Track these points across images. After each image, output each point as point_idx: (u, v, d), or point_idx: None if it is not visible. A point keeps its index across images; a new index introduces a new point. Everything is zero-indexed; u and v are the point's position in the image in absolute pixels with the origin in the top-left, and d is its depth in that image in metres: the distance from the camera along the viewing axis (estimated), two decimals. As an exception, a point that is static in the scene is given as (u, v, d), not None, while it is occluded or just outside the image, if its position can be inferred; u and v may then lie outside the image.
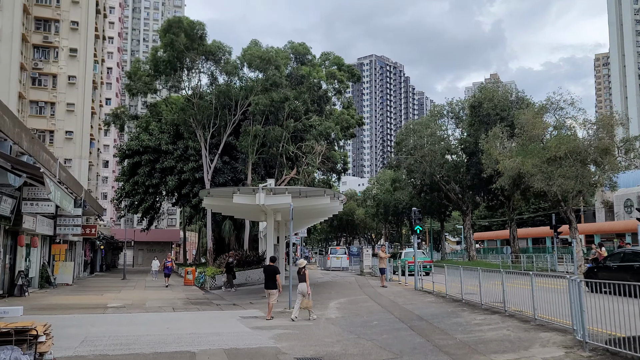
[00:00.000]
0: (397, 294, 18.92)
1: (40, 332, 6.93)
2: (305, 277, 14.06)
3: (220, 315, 15.20)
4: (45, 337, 7.14)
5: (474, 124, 38.65)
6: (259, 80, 40.68)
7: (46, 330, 7.34)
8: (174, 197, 49.33)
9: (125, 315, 14.98)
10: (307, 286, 14.01)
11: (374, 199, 72.91)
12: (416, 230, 20.51)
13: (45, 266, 26.06)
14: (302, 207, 19.48)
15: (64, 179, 20.91)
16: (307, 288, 14.03)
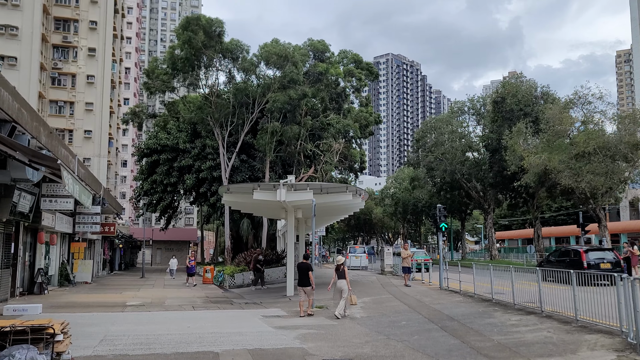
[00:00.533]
0: (423, 294, 18.30)
1: (57, 331, 6.52)
2: (345, 273, 13.99)
3: (242, 314, 14.77)
4: (62, 335, 6.73)
5: (497, 120, 37.70)
6: (277, 77, 40.31)
7: (64, 329, 6.94)
8: (191, 195, 49.27)
9: (144, 314, 14.64)
10: (347, 283, 13.95)
11: (392, 198, 72.10)
12: (441, 228, 19.85)
13: (64, 264, 25.96)
14: (323, 204, 18.96)
15: (83, 175, 20.70)
16: (348, 284, 13.96)
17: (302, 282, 14.21)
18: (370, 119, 51.91)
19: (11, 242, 17.64)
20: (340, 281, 13.97)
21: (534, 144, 31.29)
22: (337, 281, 14.04)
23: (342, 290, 13.89)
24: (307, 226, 26.43)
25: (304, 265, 14.50)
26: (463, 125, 45.52)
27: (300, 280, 14.22)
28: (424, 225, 77.82)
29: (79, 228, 25.91)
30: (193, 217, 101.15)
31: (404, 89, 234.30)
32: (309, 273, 14.23)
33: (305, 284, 14.15)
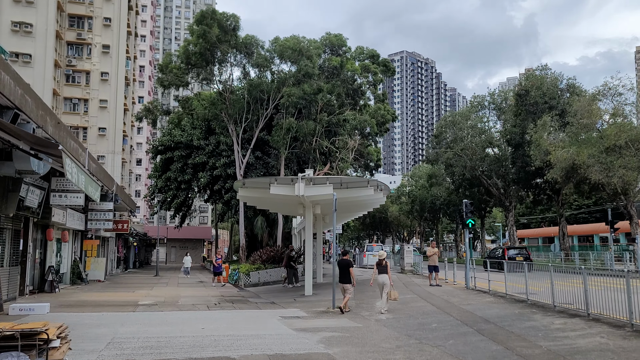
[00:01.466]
0: (449, 293, 17.29)
1: (52, 336, 5.69)
2: (387, 268, 13.96)
3: (259, 315, 13.91)
4: (59, 341, 5.90)
5: (520, 114, 36.36)
6: (291, 72, 39.47)
7: (61, 333, 6.10)
8: (206, 193, 48.68)
9: (156, 314, 13.85)
10: (389, 278, 13.90)
11: (409, 196, 70.87)
12: (468, 224, 18.80)
13: (76, 262, 25.39)
14: (343, 199, 17.99)
15: (94, 170, 20.02)
16: (390, 280, 13.93)
17: (342, 278, 14.07)
18: (387, 116, 50.84)
19: (20, 239, 17.01)
20: (382, 276, 13.86)
21: (560, 138, 29.99)
22: (378, 276, 13.93)
23: (384, 285, 13.80)
24: (324, 223, 25.54)
25: (344, 261, 14.25)
26: (483, 120, 44.22)
27: (341, 277, 14.08)
28: (441, 223, 76.45)
29: (92, 225, 25.29)
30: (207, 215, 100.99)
31: (419, 87, 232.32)
32: (350, 270, 14.06)
33: (346, 281, 14.00)
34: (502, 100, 43.91)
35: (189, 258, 32.64)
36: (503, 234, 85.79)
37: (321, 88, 39.62)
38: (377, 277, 13.96)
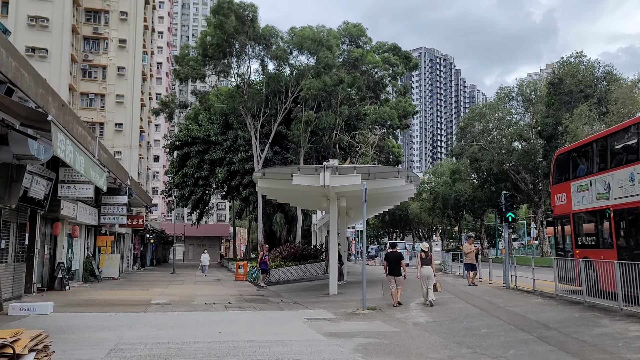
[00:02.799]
0: (490, 294, 15.72)
1: (22, 349, 4.36)
2: (431, 260, 14.09)
3: (282, 317, 12.55)
4: (34, 354, 4.58)
5: (554, 104, 34.39)
6: (310, 65, 38.11)
7: (37, 344, 4.78)
8: (223, 189, 47.63)
9: (169, 315, 12.57)
10: (432, 269, 13.98)
11: (431, 192, 68.96)
12: (508, 218, 17.20)
13: (89, 258, 24.35)
14: (371, 191, 16.40)
15: (105, 161, 18.88)
16: (433, 271, 14.02)
17: (393, 271, 13.97)
18: (409, 108, 49.20)
19: (25, 233, 15.90)
20: (427, 268, 13.86)
21: (598, 128, 28.07)
22: (423, 268, 13.90)
23: (429, 277, 13.82)
24: (349, 218, 24.13)
25: (396, 254, 14.19)
26: (511, 112, 42.29)
27: (392, 269, 14.00)
28: (464, 219, 74.40)
29: (105, 220, 24.22)
30: (225, 213, 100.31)
31: (438, 83, 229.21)
32: (402, 262, 14.03)
33: (397, 273, 13.94)
34: (531, 92, 41.94)
35: (207, 256, 31.48)
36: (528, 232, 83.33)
37: (342, 79, 38.25)
38: (422, 269, 13.91)
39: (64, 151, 7.28)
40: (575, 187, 15.31)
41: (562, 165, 16.83)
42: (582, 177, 15.03)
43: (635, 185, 12.12)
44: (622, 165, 12.88)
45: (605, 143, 14.04)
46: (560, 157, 16.98)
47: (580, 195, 14.94)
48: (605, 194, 13.56)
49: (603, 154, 14.14)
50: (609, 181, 13.38)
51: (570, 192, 15.51)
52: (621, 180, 12.78)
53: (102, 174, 11.44)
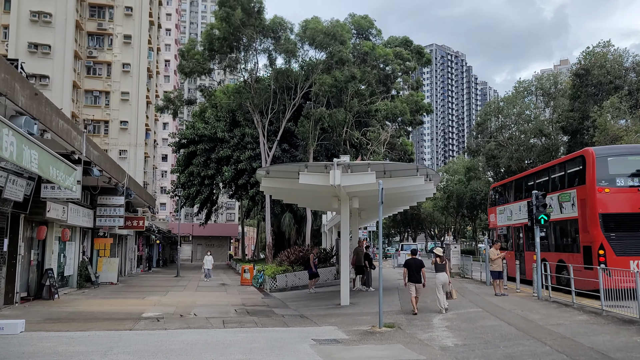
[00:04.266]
0: (522, 306, 13.93)
1: None
2: (445, 266, 13.72)
3: (286, 337, 10.87)
4: None
5: (580, 96, 32.31)
6: (321, 60, 36.44)
7: None
8: (231, 189, 46.14)
9: (157, 335, 10.95)
10: (448, 275, 13.77)
11: (444, 191, 66.93)
12: (540, 221, 15.38)
13: (84, 263, 22.87)
14: (386, 191, 14.71)
15: (96, 158, 17.34)
16: (449, 277, 13.83)
17: (414, 278, 13.50)
18: (421, 102, 47.32)
19: (4, 238, 14.40)
20: (442, 274, 13.52)
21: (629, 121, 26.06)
22: (438, 274, 13.54)
23: (444, 284, 13.54)
24: (361, 219, 22.41)
25: (417, 261, 13.70)
26: (531, 106, 40.25)
27: (412, 276, 13.52)
28: (479, 219, 72.27)
29: (101, 222, 22.76)
30: (234, 212, 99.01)
31: (449, 81, 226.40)
32: (422, 270, 13.49)
33: (418, 280, 13.49)
34: (551, 85, 39.88)
35: (210, 258, 29.60)
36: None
37: (354, 75, 36.57)
38: (437, 275, 13.52)
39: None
40: (498, 211, 24.44)
41: (492, 195, 26.80)
42: (501, 205, 24.24)
43: (520, 213, 20.81)
44: (515, 201, 22.15)
45: (509, 185, 24.00)
46: (492, 190, 27.20)
47: (500, 216, 23.97)
48: (510, 217, 22.54)
49: (509, 192, 23.49)
50: (511, 209, 22.48)
51: (496, 213, 24.49)
52: (515, 210, 21.86)
53: (71, 172, 9.85)
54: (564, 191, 17.37)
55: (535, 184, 19.95)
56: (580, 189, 16.19)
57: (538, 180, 20.04)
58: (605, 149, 17.62)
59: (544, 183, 19.25)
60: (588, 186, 15.71)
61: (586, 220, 15.71)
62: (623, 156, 16.32)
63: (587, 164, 16.01)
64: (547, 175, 19.34)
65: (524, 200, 19.82)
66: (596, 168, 15.65)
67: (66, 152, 14.78)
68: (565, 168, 17.85)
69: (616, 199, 15.01)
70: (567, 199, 17.00)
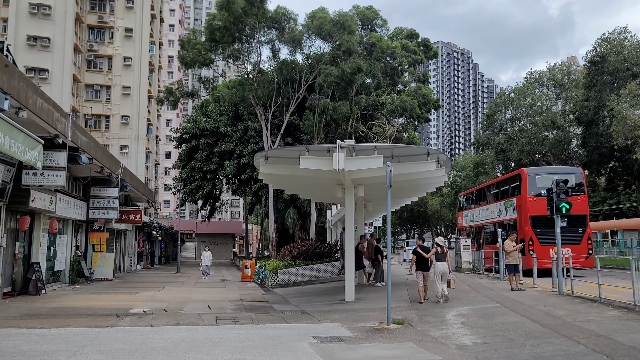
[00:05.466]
0: (544, 302, 12.74)
1: None
2: (446, 255, 13.58)
3: (283, 335, 9.76)
4: None
5: (595, 85, 30.93)
6: (325, 54, 35.36)
7: None
8: (234, 184, 45.14)
9: (139, 332, 9.86)
10: (448, 265, 13.55)
11: (452, 187, 65.63)
12: (561, 209, 14.18)
13: (77, 257, 21.84)
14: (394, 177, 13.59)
15: (85, 144, 16.28)
16: (449, 267, 13.61)
17: (422, 266, 13.60)
18: (430, 96, 46.14)
19: (-19, 228, 13.40)
20: (442, 263, 13.38)
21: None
22: (437, 263, 13.39)
23: (444, 273, 13.42)
24: (367, 211, 21.24)
25: (425, 249, 13.78)
26: (542, 98, 38.89)
27: (419, 265, 13.61)
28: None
29: (94, 215, 21.72)
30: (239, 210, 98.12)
31: (455, 78, 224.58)
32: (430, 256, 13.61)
33: (426, 268, 13.62)
34: (564, 76, 38.52)
35: (209, 254, 28.28)
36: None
37: (360, 67, 35.46)
38: (437, 264, 13.41)
39: None
40: (464, 214, 30.08)
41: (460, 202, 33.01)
42: (466, 209, 29.96)
43: (480, 216, 26.46)
44: (477, 206, 27.51)
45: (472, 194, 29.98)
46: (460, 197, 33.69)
47: (466, 219, 29.45)
48: (473, 219, 27.79)
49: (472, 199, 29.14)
50: (474, 213, 27.77)
51: (463, 216, 30.24)
52: (476, 213, 27.28)
53: (34, 145, 8.78)
54: (508, 199, 22.81)
55: (491, 194, 25.91)
56: (518, 197, 21.71)
57: (492, 191, 25.88)
58: (534, 169, 23.58)
59: (495, 193, 25.36)
60: (523, 196, 21.26)
61: (522, 220, 21.02)
62: (547, 174, 21.53)
63: (522, 180, 21.51)
64: (497, 187, 25.23)
65: (483, 206, 26.66)
66: (528, 183, 21.14)
67: (49, 135, 13.75)
68: (509, 182, 23.45)
69: (541, 205, 18.53)
70: (510, 205, 22.41)
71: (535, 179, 21.18)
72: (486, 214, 25.58)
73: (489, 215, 25.19)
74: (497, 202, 24.02)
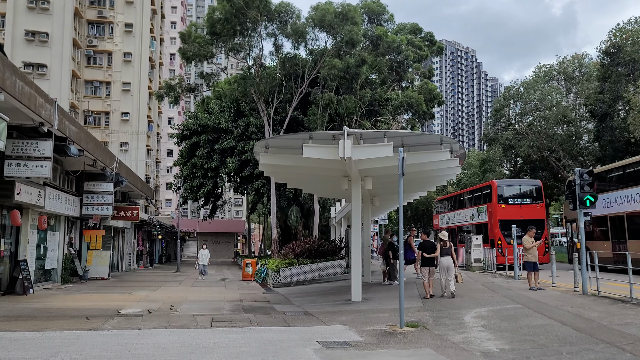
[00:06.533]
0: (570, 302, 11.69)
1: None
2: (451, 250, 13.22)
3: (285, 338, 8.74)
4: None
5: (610, 76, 29.75)
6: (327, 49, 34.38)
7: None
8: (236, 182, 44.16)
9: (125, 335, 8.86)
10: (453, 259, 13.20)
11: (457, 185, 64.51)
12: (586, 202, 13.14)
13: (69, 255, 20.87)
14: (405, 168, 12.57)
15: (74, 134, 15.28)
16: (454, 261, 13.25)
17: (427, 262, 13.37)
18: (436, 91, 45.19)
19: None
20: (446, 258, 13.09)
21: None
22: (442, 258, 13.13)
23: (449, 268, 13.07)
24: (373, 207, 20.21)
25: (431, 243, 13.65)
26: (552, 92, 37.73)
27: (425, 260, 13.38)
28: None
29: (87, 211, 20.76)
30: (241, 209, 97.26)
31: (459, 77, 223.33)
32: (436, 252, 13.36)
33: (432, 264, 13.39)
34: (575, 69, 37.38)
35: (206, 252, 26.98)
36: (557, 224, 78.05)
37: (365, 59, 34.49)
38: (442, 259, 13.14)
39: None
40: (440, 217, 34.42)
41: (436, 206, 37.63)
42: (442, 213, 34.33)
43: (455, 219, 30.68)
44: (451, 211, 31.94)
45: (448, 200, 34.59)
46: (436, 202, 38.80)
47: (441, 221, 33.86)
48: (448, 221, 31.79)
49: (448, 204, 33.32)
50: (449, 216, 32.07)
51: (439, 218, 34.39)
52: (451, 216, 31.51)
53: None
54: (480, 205, 26.63)
55: (465, 200, 30.29)
56: (489, 204, 25.48)
57: (465, 197, 30.47)
58: (502, 181, 28.28)
59: (469, 199, 29.32)
60: (493, 203, 25.02)
61: (492, 224, 24.60)
62: (514, 185, 26.76)
63: (493, 189, 25.41)
64: (471, 194, 29.73)
65: (458, 210, 30.76)
66: (497, 192, 25.01)
67: (33, 123, 12.80)
68: (481, 191, 27.74)
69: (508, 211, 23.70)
70: (482, 211, 26.21)
71: (503, 189, 25.49)
72: (461, 217, 29.92)
73: (463, 218, 29.45)
74: (471, 207, 28.16)
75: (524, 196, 25.41)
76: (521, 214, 23.67)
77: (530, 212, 24.21)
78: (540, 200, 25.04)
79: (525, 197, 25.37)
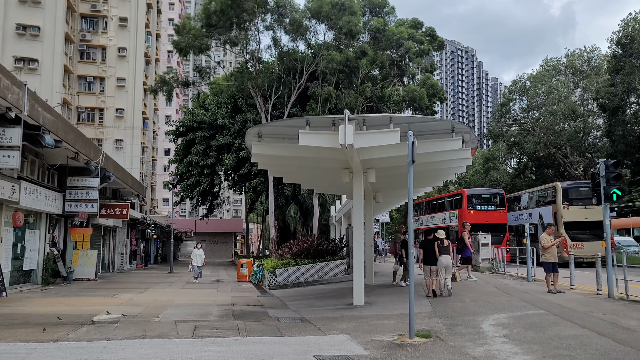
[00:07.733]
0: (599, 308, 10.42)
1: None
2: (449, 248, 13.08)
3: (276, 352, 7.46)
4: None
5: (623, 68, 28.48)
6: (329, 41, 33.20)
7: None
8: (233, 180, 42.91)
9: (89, 348, 7.58)
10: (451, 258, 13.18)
11: (460, 183, 63.24)
12: (612, 197, 11.89)
13: (50, 255, 19.57)
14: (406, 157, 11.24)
15: (50, 123, 13.98)
16: (452, 260, 13.27)
17: (430, 260, 13.12)
18: (438, 87, 44.02)
19: None
20: (445, 257, 12.99)
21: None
22: (441, 257, 12.99)
23: (447, 267, 13.03)
24: (376, 203, 18.93)
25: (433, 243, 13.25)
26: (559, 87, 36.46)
27: (427, 259, 13.17)
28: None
29: (70, 207, 19.48)
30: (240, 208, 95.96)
31: (459, 76, 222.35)
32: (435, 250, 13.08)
33: (434, 262, 13.08)
34: (584, 62, 36.11)
35: (201, 252, 25.22)
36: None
37: (365, 51, 33.27)
38: (440, 258, 12.97)
39: None
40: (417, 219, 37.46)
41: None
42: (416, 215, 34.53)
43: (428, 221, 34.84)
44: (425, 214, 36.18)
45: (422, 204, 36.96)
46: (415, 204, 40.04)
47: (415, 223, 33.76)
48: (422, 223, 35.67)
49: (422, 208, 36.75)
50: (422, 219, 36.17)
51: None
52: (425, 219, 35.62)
53: None
54: (452, 210, 30.51)
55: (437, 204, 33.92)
56: (460, 210, 29.19)
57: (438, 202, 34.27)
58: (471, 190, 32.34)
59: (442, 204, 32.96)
60: (463, 209, 28.70)
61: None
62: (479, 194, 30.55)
63: (462, 197, 29.55)
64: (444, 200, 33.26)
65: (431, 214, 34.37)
66: (467, 199, 29.10)
67: (0, 108, 11.52)
68: (453, 197, 31.50)
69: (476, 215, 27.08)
70: (454, 215, 29.70)
71: (472, 197, 29.58)
72: (433, 220, 33.27)
73: (435, 221, 32.48)
74: (443, 212, 31.79)
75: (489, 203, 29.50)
76: (487, 218, 27.89)
77: (495, 217, 28.46)
78: (503, 207, 29.27)
79: (490, 204, 29.46)
